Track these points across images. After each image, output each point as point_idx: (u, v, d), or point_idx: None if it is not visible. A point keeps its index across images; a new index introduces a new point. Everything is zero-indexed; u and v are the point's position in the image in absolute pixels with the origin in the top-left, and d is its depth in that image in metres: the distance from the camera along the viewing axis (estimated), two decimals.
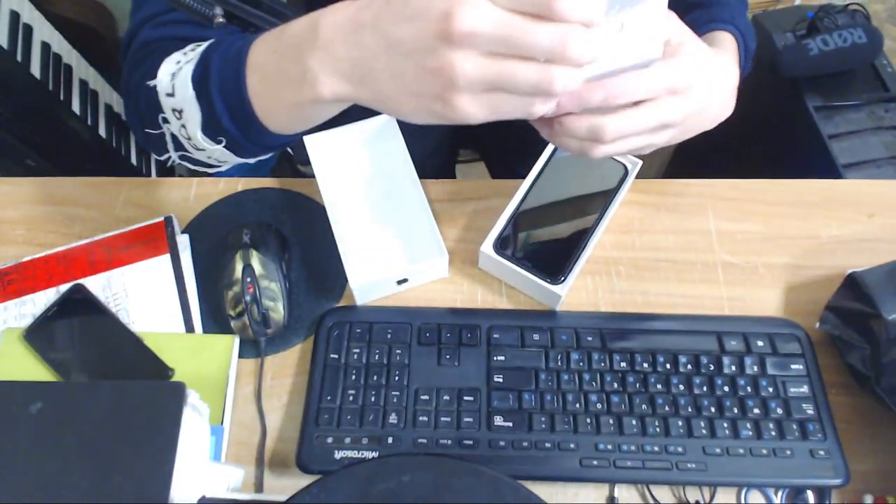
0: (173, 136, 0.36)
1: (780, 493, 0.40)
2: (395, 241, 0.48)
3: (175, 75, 0.34)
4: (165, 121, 0.35)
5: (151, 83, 0.34)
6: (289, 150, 0.62)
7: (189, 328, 0.45)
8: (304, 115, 0.32)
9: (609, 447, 0.40)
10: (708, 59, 0.35)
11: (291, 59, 0.29)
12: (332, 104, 0.31)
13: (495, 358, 0.43)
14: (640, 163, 0.50)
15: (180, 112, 0.34)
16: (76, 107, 0.92)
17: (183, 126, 0.34)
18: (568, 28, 0.25)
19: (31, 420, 0.33)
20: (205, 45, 0.35)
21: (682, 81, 0.32)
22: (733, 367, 0.43)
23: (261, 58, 0.32)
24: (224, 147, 0.35)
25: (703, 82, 0.34)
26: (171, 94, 0.34)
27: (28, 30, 0.85)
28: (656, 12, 0.29)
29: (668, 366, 0.43)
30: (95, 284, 0.47)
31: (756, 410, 0.41)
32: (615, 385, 0.42)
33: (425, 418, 0.41)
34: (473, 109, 0.27)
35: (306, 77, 0.29)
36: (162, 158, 0.38)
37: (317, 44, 0.28)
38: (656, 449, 0.40)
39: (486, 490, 0.31)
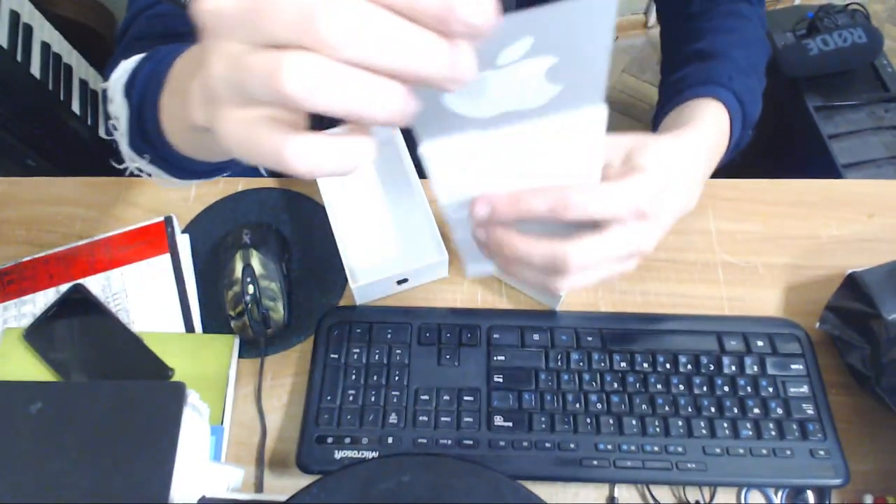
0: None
1: (780, 494, 0.40)
2: (395, 241, 0.48)
3: (117, 82, 0.32)
4: (115, 128, 0.33)
5: (103, 86, 0.33)
6: None
7: (189, 328, 0.45)
8: (196, 142, 0.28)
9: (609, 447, 0.40)
10: (674, 160, 0.30)
11: (187, 77, 0.25)
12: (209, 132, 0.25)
13: (495, 358, 0.43)
14: None
15: (117, 120, 0.32)
16: (76, 107, 0.92)
17: (119, 134, 0.33)
18: (324, 4, 0.16)
19: (31, 420, 0.33)
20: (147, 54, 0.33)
21: (649, 203, 0.28)
22: (733, 367, 0.43)
23: (175, 73, 0.28)
24: (149, 163, 0.33)
25: (672, 194, 0.30)
26: (111, 101, 0.32)
27: (28, 30, 0.85)
28: (590, 124, 0.24)
29: (668, 366, 0.43)
30: (95, 284, 0.47)
31: (756, 410, 0.41)
32: (615, 385, 0.42)
33: (425, 418, 0.41)
34: (229, 132, 0.19)
35: (187, 99, 0.23)
36: (120, 167, 0.36)
37: (195, 60, 0.24)
38: (656, 449, 0.40)
39: (486, 490, 0.31)
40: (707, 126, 0.36)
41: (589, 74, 0.21)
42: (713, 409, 0.41)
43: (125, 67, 0.33)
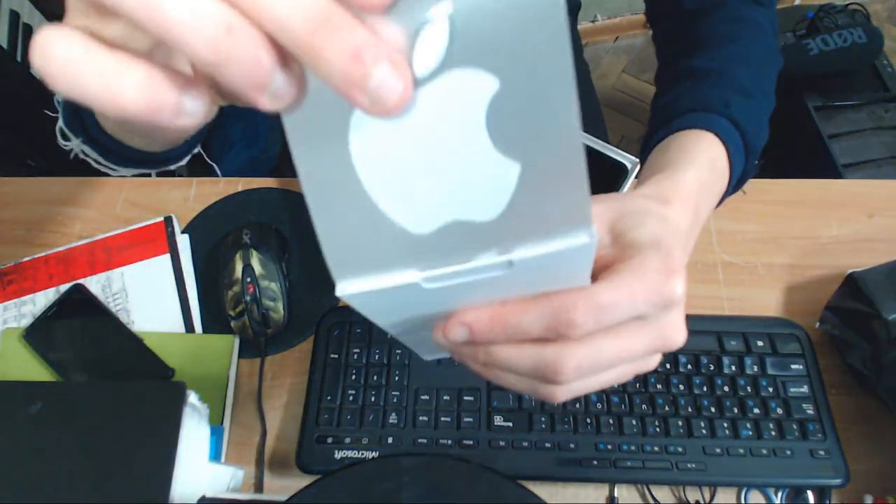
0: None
1: (780, 494, 0.40)
2: None
3: None
4: (58, 103, 0.31)
5: None
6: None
7: (189, 328, 0.45)
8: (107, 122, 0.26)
9: (609, 447, 0.40)
10: (675, 221, 0.25)
11: None
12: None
13: None
14: (640, 163, 0.50)
15: (58, 98, 0.30)
16: None
17: (57, 115, 0.30)
18: None
19: (31, 420, 0.33)
20: None
21: (673, 285, 0.21)
22: (733, 367, 0.43)
23: None
24: (83, 143, 0.30)
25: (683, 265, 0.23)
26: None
27: (28, 30, 0.84)
28: (577, 254, 0.17)
29: (667, 365, 0.43)
30: (95, 284, 0.47)
31: (756, 410, 0.41)
32: (615, 385, 0.42)
33: (425, 418, 0.41)
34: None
35: None
36: (66, 147, 0.34)
37: None
38: (656, 449, 0.40)
39: (486, 490, 0.31)
40: (695, 168, 0.30)
41: (555, 134, 0.14)
42: (713, 409, 0.41)
43: None
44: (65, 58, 0.13)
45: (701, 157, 0.31)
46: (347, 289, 0.17)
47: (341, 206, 0.15)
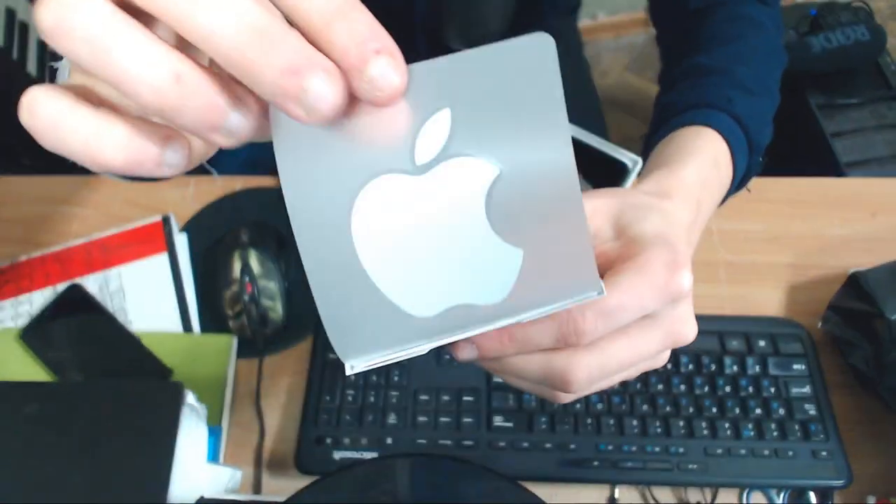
0: None
1: (782, 494, 0.40)
2: None
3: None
4: None
5: (55, 65, 0.28)
6: None
7: (187, 328, 0.45)
8: None
9: (610, 447, 0.40)
10: (677, 216, 0.25)
11: None
12: None
13: None
14: (641, 160, 0.50)
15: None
16: None
17: None
18: None
19: (29, 420, 0.33)
20: None
21: (680, 280, 0.21)
22: (735, 367, 0.42)
23: None
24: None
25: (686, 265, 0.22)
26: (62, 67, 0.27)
27: (24, 28, 0.84)
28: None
29: (669, 366, 0.42)
30: (93, 284, 0.46)
31: (758, 411, 0.41)
32: (616, 385, 0.42)
33: (425, 419, 0.41)
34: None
35: None
36: None
37: None
38: (657, 449, 0.40)
39: (486, 490, 0.31)
40: (698, 163, 0.29)
41: (558, 218, 0.14)
42: (714, 410, 0.41)
43: None
44: (49, 117, 0.13)
45: (702, 154, 0.30)
46: (357, 368, 0.17)
47: (343, 289, 0.15)
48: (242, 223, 0.46)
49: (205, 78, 0.12)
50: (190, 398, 0.35)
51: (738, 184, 0.34)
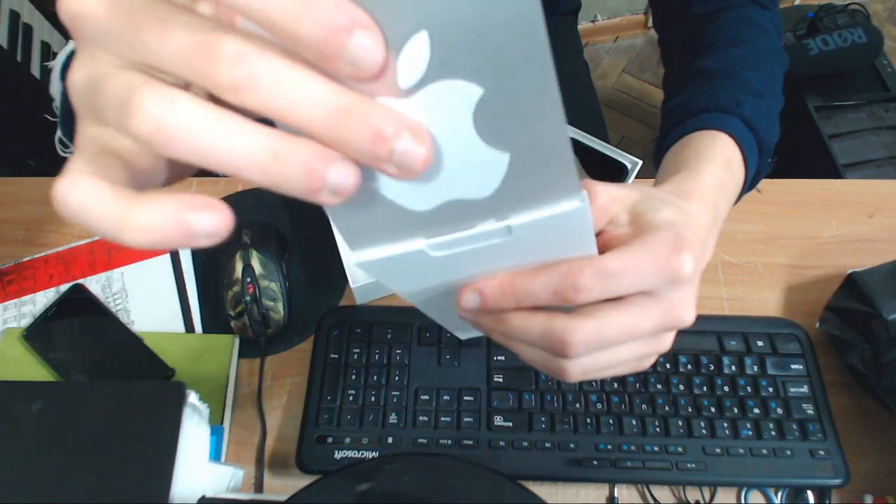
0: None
1: (780, 494, 0.40)
2: None
3: (58, 62, 0.30)
4: (57, 109, 0.32)
5: (49, 65, 0.30)
6: None
7: (189, 328, 0.45)
8: None
9: (609, 447, 0.40)
10: (694, 216, 0.25)
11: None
12: None
13: (495, 358, 0.43)
14: (640, 162, 0.50)
15: (54, 101, 0.30)
16: None
17: (57, 117, 0.30)
18: (225, 33, 0.13)
19: (31, 420, 0.33)
20: None
21: (685, 263, 0.21)
22: (733, 367, 0.43)
23: None
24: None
25: (700, 253, 0.24)
26: (52, 82, 0.30)
27: (28, 29, 0.84)
28: (573, 220, 0.18)
29: (667, 366, 0.43)
30: (95, 284, 0.47)
31: (756, 410, 0.41)
32: (615, 385, 0.42)
33: (425, 418, 0.41)
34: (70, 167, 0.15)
35: None
36: (66, 154, 0.34)
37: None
38: (656, 449, 0.40)
39: (486, 490, 0.31)
40: (713, 167, 0.30)
41: (540, 128, 0.15)
42: (713, 409, 0.41)
43: (67, 49, 0.31)
44: (78, 204, 0.14)
45: (716, 158, 0.31)
46: (362, 257, 0.19)
47: None
48: (244, 224, 0.47)
49: (300, 149, 0.13)
50: (192, 398, 0.35)
51: (749, 184, 0.34)
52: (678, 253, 0.21)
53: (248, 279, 0.44)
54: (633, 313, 0.21)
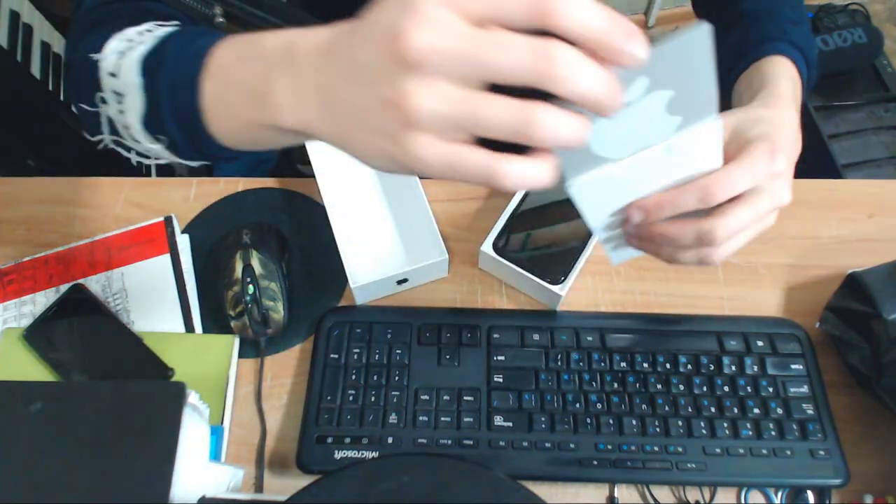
0: (109, 119, 0.33)
1: (780, 494, 0.40)
2: (395, 241, 0.48)
3: (123, 55, 0.30)
4: (103, 101, 0.32)
5: (95, 57, 0.31)
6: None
7: (189, 328, 0.45)
8: (258, 136, 0.28)
9: (609, 447, 0.40)
10: (781, 123, 0.34)
11: (258, 74, 0.26)
12: (290, 134, 0.26)
13: (495, 358, 0.43)
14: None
15: (121, 96, 0.30)
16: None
17: (121, 112, 0.31)
18: (557, 44, 0.19)
19: (31, 420, 0.33)
20: (165, 30, 0.31)
21: (779, 162, 0.31)
22: (733, 367, 0.43)
23: (224, 62, 0.28)
24: (163, 147, 0.31)
25: (790, 149, 0.34)
26: (115, 75, 0.30)
27: (28, 30, 0.85)
28: (710, 134, 0.27)
29: (668, 366, 0.43)
30: (95, 284, 0.47)
31: (756, 410, 0.41)
32: (615, 385, 0.42)
33: (425, 418, 0.41)
34: (430, 157, 0.21)
35: (270, 98, 0.25)
36: (94, 139, 0.34)
37: (287, 64, 0.25)
38: (656, 449, 0.40)
39: (486, 490, 0.31)
40: (786, 81, 0.40)
41: (702, 97, 0.24)
42: (713, 409, 0.41)
43: (125, 39, 0.31)
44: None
45: (784, 74, 0.40)
46: (574, 184, 0.28)
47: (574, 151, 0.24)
48: (244, 224, 0.47)
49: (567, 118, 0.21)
50: (192, 398, 0.35)
51: (806, 92, 0.43)
52: (774, 156, 0.31)
53: (248, 279, 0.44)
54: (752, 204, 0.31)
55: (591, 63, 0.20)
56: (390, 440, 0.40)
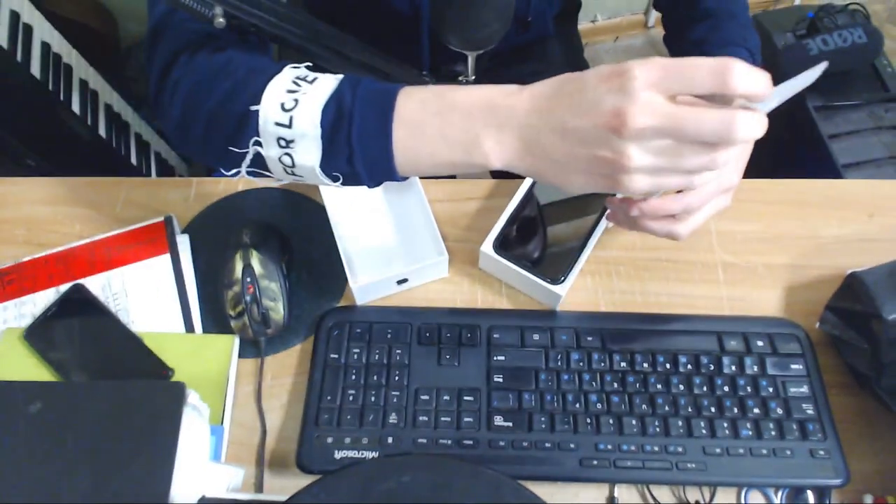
0: (258, 156, 0.35)
1: (780, 494, 0.40)
2: (395, 241, 0.48)
3: (290, 109, 0.33)
4: (258, 143, 0.34)
5: (254, 108, 0.33)
6: None
7: (189, 328, 0.45)
8: (455, 169, 0.34)
9: (609, 447, 0.40)
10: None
11: (461, 127, 0.32)
12: (490, 168, 0.33)
13: (495, 358, 0.43)
14: None
15: (289, 142, 0.33)
16: (76, 107, 0.92)
17: (288, 155, 0.34)
18: (734, 112, 0.27)
19: (31, 420, 0.33)
20: (332, 82, 0.34)
21: (732, 165, 0.37)
22: (733, 367, 0.43)
23: (415, 115, 0.33)
24: (340, 183, 0.35)
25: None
26: (286, 125, 0.33)
27: (28, 30, 0.84)
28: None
29: (668, 366, 0.43)
30: (95, 284, 0.47)
31: (756, 410, 0.41)
32: (615, 385, 0.42)
33: (425, 418, 0.41)
34: (641, 186, 0.29)
35: (478, 148, 0.31)
36: (229, 174, 0.36)
37: (492, 120, 0.31)
38: (656, 449, 0.40)
39: (486, 490, 0.31)
40: None
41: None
42: (713, 409, 0.41)
43: (283, 90, 0.33)
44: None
45: None
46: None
47: None
48: (244, 224, 0.47)
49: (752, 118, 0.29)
50: (192, 398, 0.35)
51: None
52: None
53: (248, 279, 0.44)
54: (700, 189, 0.37)
55: (757, 117, 0.27)
56: (390, 440, 0.40)
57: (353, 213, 0.49)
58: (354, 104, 0.33)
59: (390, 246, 0.48)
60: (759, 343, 0.44)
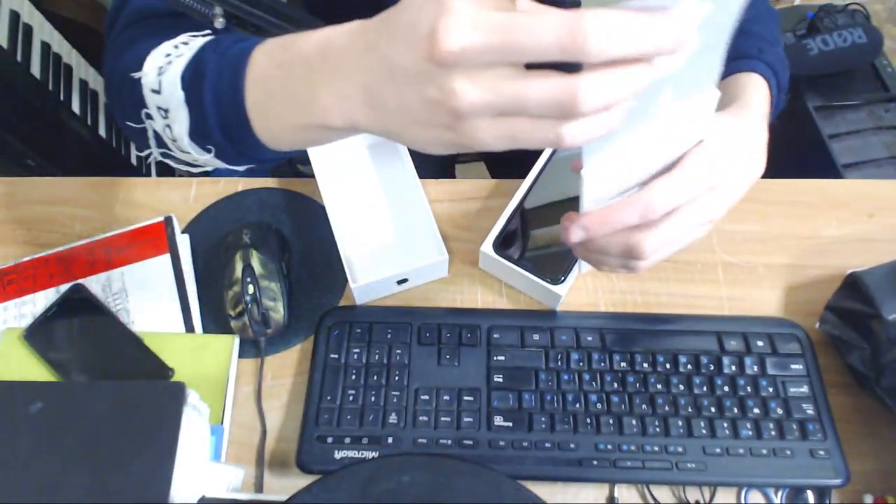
0: (156, 134, 0.33)
1: (780, 493, 0.40)
2: (395, 242, 0.48)
3: (163, 71, 0.31)
4: (149, 117, 0.32)
5: (136, 75, 0.32)
6: None
7: (189, 328, 0.45)
8: (307, 137, 0.30)
9: (609, 447, 0.40)
10: (736, 132, 0.33)
11: (300, 79, 0.27)
12: (339, 132, 0.28)
13: (495, 358, 0.43)
14: None
15: (166, 111, 0.31)
16: (76, 107, 0.92)
17: (168, 126, 0.32)
18: (580, 13, 0.19)
19: (31, 420, 0.33)
20: (199, 42, 0.32)
21: (718, 175, 0.30)
22: (733, 367, 0.43)
23: (264, 70, 0.29)
24: (213, 156, 0.32)
25: (739, 164, 0.32)
26: (157, 91, 0.31)
27: (28, 30, 0.85)
28: (709, 102, 0.27)
29: (668, 366, 0.43)
30: (95, 284, 0.47)
31: (756, 410, 0.41)
32: (615, 385, 0.42)
33: (425, 418, 0.41)
34: (489, 138, 0.23)
35: (316, 102, 0.26)
36: (143, 154, 0.36)
37: (326, 66, 0.26)
38: (656, 449, 0.40)
39: (486, 490, 0.31)
40: (758, 96, 0.39)
41: (711, 65, 0.25)
42: (713, 409, 0.41)
43: (163, 54, 0.32)
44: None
45: (756, 89, 0.40)
46: (590, 164, 0.28)
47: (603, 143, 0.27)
48: (244, 224, 0.47)
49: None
50: (192, 398, 0.35)
51: (773, 116, 0.42)
52: (712, 168, 0.30)
53: (248, 279, 0.44)
54: (679, 219, 0.30)
55: (620, 28, 0.20)
56: (390, 440, 0.40)
57: (353, 213, 0.49)
58: (211, 61, 0.30)
59: (390, 246, 0.48)
60: (759, 343, 0.44)
